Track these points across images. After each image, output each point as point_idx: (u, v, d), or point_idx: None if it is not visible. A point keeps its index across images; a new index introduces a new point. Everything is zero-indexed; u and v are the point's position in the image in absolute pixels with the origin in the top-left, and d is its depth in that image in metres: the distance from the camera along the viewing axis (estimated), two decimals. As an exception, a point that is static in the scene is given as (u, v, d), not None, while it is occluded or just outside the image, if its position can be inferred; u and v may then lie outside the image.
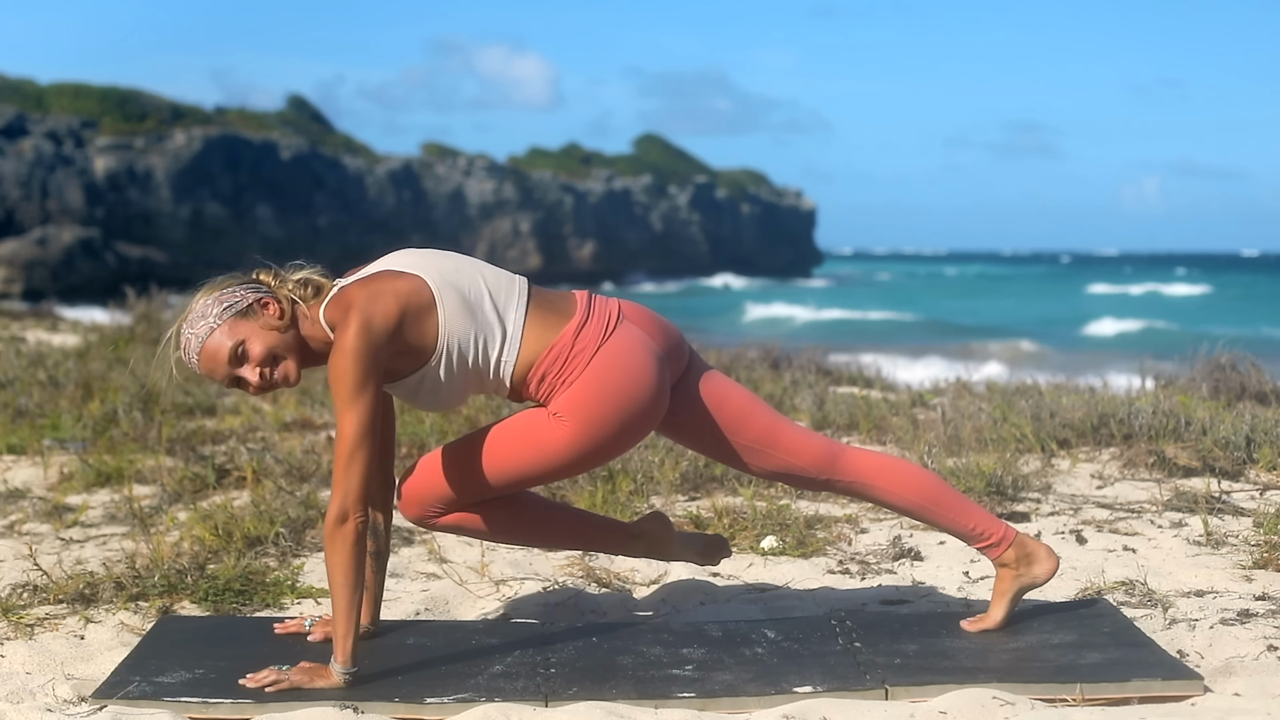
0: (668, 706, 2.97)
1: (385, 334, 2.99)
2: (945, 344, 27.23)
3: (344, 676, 3.02)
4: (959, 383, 7.67)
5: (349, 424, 2.95)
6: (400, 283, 3.07)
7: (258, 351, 3.04)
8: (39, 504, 5.05)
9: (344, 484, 2.96)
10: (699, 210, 76.74)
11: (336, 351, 2.97)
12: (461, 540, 4.49)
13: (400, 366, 3.08)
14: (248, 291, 3.08)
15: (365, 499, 2.98)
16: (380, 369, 3.00)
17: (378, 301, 3.00)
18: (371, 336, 2.97)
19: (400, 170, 63.73)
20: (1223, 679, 3.07)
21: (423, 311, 3.05)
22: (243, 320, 3.04)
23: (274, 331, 3.04)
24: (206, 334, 3.03)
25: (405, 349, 3.05)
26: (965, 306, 48.53)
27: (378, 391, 2.99)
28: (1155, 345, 25.97)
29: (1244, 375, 6.69)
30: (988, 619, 3.35)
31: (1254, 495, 4.77)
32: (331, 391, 3.00)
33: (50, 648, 3.46)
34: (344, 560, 2.97)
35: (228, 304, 3.05)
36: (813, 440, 3.32)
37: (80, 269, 48.67)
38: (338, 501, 2.96)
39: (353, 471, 2.96)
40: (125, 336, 10.35)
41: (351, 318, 2.98)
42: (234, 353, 3.03)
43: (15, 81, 56.45)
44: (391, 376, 3.10)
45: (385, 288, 3.05)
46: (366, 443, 2.96)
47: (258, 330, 3.04)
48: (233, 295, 3.06)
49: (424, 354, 3.07)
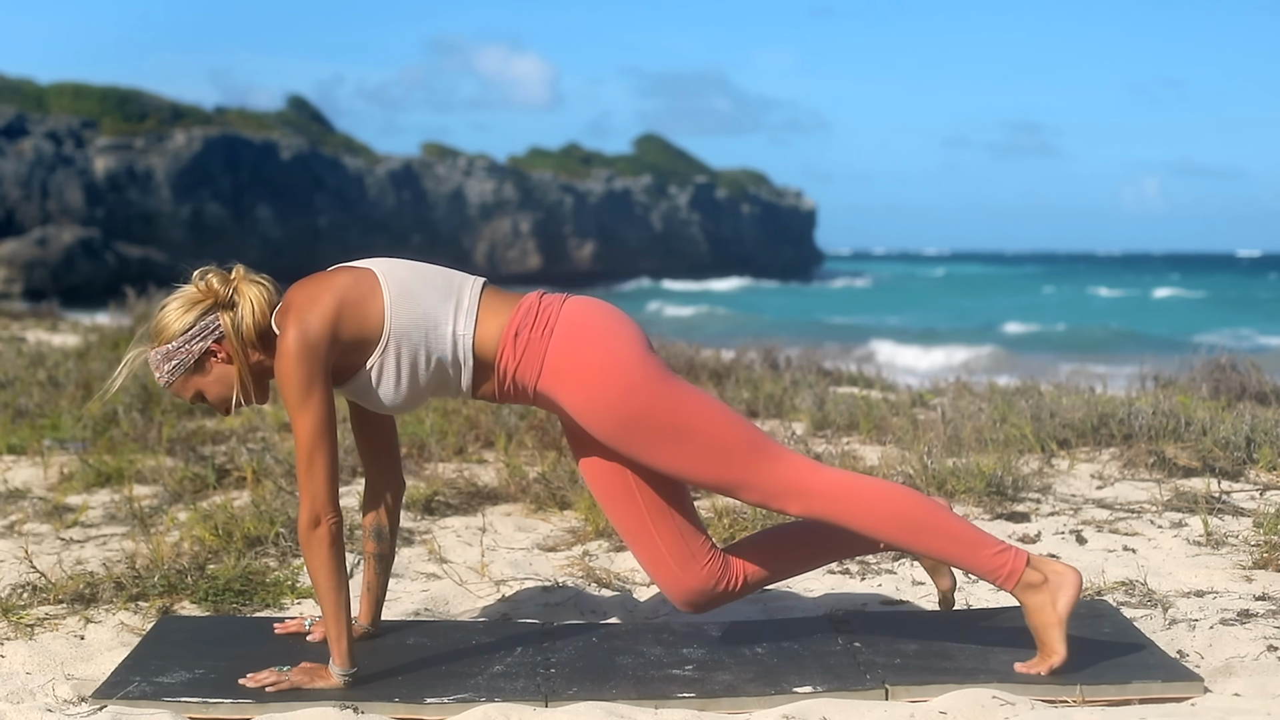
0: (668, 706, 2.97)
1: (324, 332, 2.97)
2: (804, 342, 27.19)
3: (343, 678, 3.02)
4: (959, 383, 7.67)
5: (303, 427, 2.95)
6: (339, 277, 3.06)
7: (213, 398, 3.13)
8: (39, 504, 5.05)
9: (309, 488, 2.96)
10: (699, 210, 76.74)
11: (278, 357, 2.98)
12: (461, 540, 4.49)
13: (350, 362, 3.04)
14: (195, 342, 3.07)
15: (334, 500, 2.98)
16: (325, 369, 2.97)
17: (314, 301, 3.00)
18: (309, 338, 2.96)
19: (400, 170, 63.73)
20: (1223, 679, 3.07)
21: (363, 299, 3.02)
22: (194, 375, 3.10)
23: (226, 375, 3.09)
24: (165, 385, 3.13)
25: (351, 343, 3.01)
26: (885, 307, 48.59)
27: (326, 392, 2.98)
28: (1036, 346, 26.18)
29: (1244, 375, 6.69)
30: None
31: (1254, 495, 4.77)
32: (281, 397, 3.00)
33: (50, 648, 3.46)
34: (324, 563, 2.97)
35: (176, 362, 3.08)
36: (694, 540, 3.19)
37: (80, 269, 48.67)
38: (306, 506, 2.96)
39: (315, 474, 2.96)
40: (125, 336, 10.35)
41: (290, 322, 2.98)
42: (194, 399, 3.14)
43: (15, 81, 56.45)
44: (344, 375, 3.06)
45: (323, 285, 3.04)
46: (323, 443, 2.95)
47: (210, 381, 3.10)
48: (181, 351, 3.07)
49: (370, 344, 3.02)
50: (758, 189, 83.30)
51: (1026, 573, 3.01)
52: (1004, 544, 3.04)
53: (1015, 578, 3.01)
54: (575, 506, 4.79)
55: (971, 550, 3.02)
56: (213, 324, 3.08)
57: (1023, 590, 3.01)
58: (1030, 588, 3.01)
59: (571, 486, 4.90)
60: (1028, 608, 3.03)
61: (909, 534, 3.03)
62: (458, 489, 4.98)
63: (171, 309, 3.10)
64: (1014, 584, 3.01)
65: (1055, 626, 3.01)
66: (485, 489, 5.02)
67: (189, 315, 3.08)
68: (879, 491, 3.05)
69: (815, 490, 3.02)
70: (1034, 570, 3.02)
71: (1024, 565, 3.01)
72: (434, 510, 4.85)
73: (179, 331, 3.08)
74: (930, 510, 3.04)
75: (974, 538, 3.03)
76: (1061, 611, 3.00)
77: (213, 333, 3.08)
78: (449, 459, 5.65)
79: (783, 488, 3.02)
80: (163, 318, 3.10)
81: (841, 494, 3.02)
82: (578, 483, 4.91)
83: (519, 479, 5.04)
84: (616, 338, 3.04)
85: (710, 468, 3.02)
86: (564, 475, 4.98)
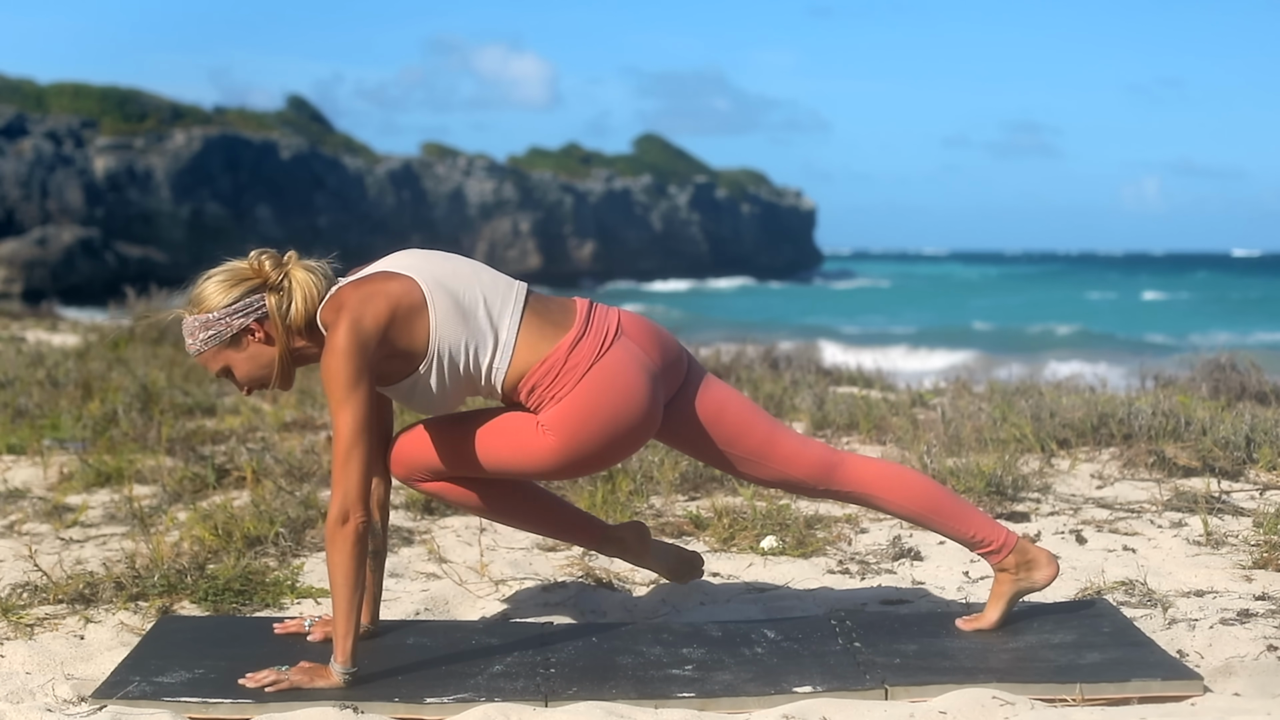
0: (668, 706, 2.97)
1: (375, 334, 3.00)
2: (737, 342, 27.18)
3: (344, 676, 3.02)
4: (959, 382, 7.67)
5: (344, 423, 2.97)
6: (392, 284, 3.07)
7: (241, 375, 3.15)
8: (39, 504, 5.05)
9: (343, 483, 2.97)
10: (699, 210, 76.77)
11: (328, 352, 2.99)
12: (461, 540, 4.49)
13: (392, 370, 3.09)
14: (236, 317, 3.09)
15: (366, 498, 2.99)
16: (371, 368, 3.00)
17: (369, 303, 3.02)
18: (361, 336, 2.98)
19: (400, 170, 63.76)
20: (1223, 679, 3.07)
21: (413, 313, 3.05)
22: (227, 349, 3.11)
23: (260, 355, 3.11)
24: (195, 353, 3.14)
25: (395, 352, 3.06)
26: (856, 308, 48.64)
27: (370, 390, 3.00)
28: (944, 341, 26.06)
29: (1244, 375, 6.69)
30: (983, 619, 3.36)
31: (1254, 495, 4.77)
32: (325, 391, 3.02)
33: (50, 648, 3.46)
34: (345, 560, 2.97)
35: (213, 332, 3.10)
36: (810, 450, 3.32)
37: (80, 269, 48.69)
38: (338, 501, 2.97)
39: (350, 470, 2.97)
40: (125, 336, 10.35)
41: (342, 318, 3.00)
42: (220, 372, 3.17)
43: (15, 81, 56.46)
44: (385, 380, 3.11)
45: (377, 289, 3.06)
46: (362, 441, 2.97)
47: (242, 358, 3.12)
48: (221, 323, 3.09)
49: (415, 358, 3.08)
50: (757, 189, 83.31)
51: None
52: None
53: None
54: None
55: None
56: (257, 303, 3.10)
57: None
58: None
59: (571, 486, 4.90)
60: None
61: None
62: (458, 489, 4.97)
63: (216, 280, 3.11)
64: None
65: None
66: (485, 489, 5.02)
67: (235, 290, 3.10)
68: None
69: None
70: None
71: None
72: (434, 510, 4.85)
73: (222, 304, 3.09)
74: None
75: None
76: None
77: (255, 311, 3.09)
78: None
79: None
80: (206, 287, 3.11)
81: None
82: (577, 482, 4.91)
83: (519, 479, 5.03)
84: (616, 426, 3.13)
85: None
86: (564, 475, 4.97)
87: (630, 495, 4.81)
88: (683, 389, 3.29)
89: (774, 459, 3.29)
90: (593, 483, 4.89)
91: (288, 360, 3.13)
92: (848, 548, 4.34)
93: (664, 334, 3.29)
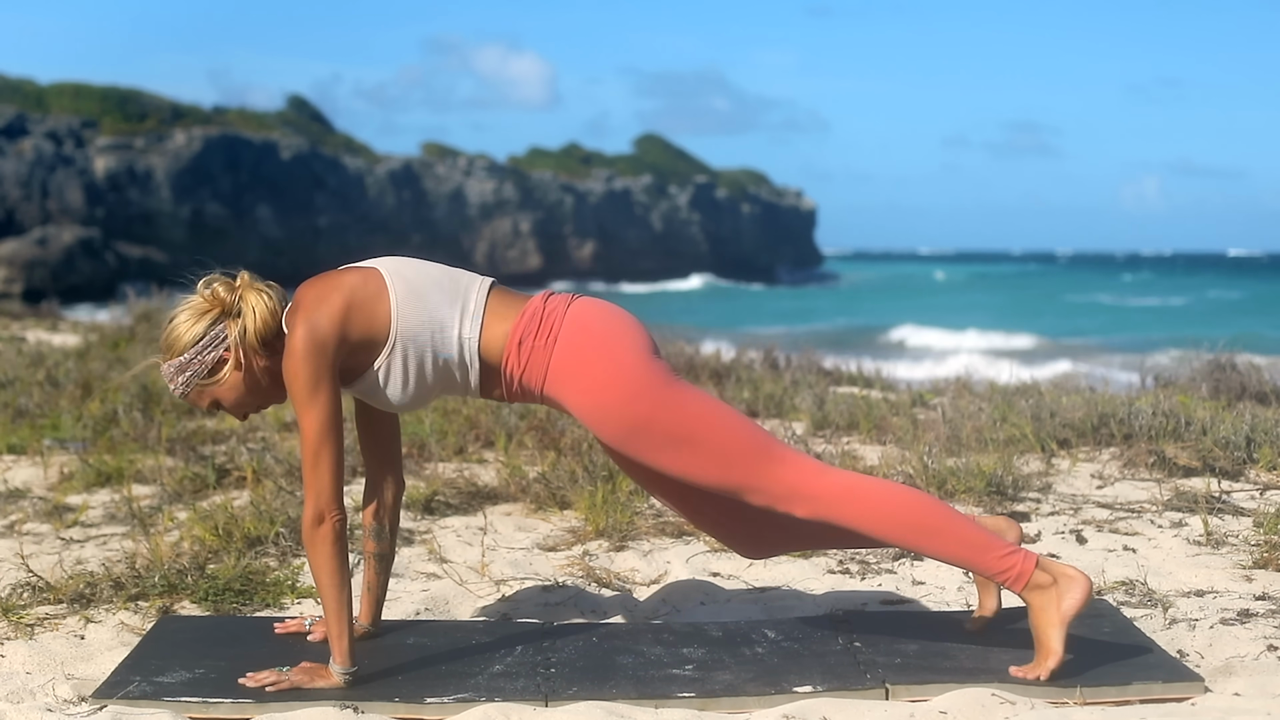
0: (668, 706, 2.97)
1: (332, 330, 2.98)
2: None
3: (344, 676, 3.02)
4: (959, 382, 7.67)
5: (309, 424, 2.96)
6: (347, 276, 3.07)
7: (230, 405, 3.15)
8: (39, 504, 5.05)
9: (315, 485, 2.97)
10: (699, 210, 76.79)
11: (287, 355, 2.99)
12: (461, 540, 4.49)
13: (358, 362, 3.05)
14: (207, 351, 3.09)
15: (339, 498, 2.98)
16: (333, 367, 2.99)
17: (323, 300, 3.01)
18: (318, 336, 2.97)
19: (400, 170, 63.77)
20: (1223, 679, 3.07)
21: (370, 299, 3.03)
22: (208, 385, 3.11)
23: (239, 381, 3.11)
24: (180, 395, 3.15)
25: (359, 343, 3.02)
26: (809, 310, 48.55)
27: (333, 390, 2.99)
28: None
29: (1244, 375, 6.69)
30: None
31: (1254, 495, 4.77)
32: (289, 394, 3.02)
33: (50, 648, 3.46)
34: (327, 561, 2.97)
35: (190, 373, 3.10)
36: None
37: (80, 269, 48.69)
38: (311, 503, 2.97)
39: (321, 471, 2.97)
40: (125, 336, 10.35)
41: (299, 320, 3.00)
42: (211, 407, 3.17)
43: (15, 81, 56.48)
44: (351, 375, 3.07)
45: (331, 284, 3.05)
46: (329, 441, 2.96)
47: (225, 389, 3.12)
48: (195, 362, 3.09)
49: (378, 345, 3.03)
50: (758, 189, 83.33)
51: (1035, 574, 2.99)
52: (1013, 547, 3.03)
53: (1024, 579, 2.99)
54: (575, 506, 4.79)
55: (980, 553, 3.00)
56: (222, 333, 3.09)
57: (1030, 591, 3.00)
58: (1038, 589, 2.99)
59: (571, 486, 4.90)
60: (1032, 608, 3.02)
61: (917, 537, 3.00)
62: (458, 489, 4.98)
63: (180, 320, 3.11)
64: (1022, 585, 3.00)
65: (1056, 626, 2.99)
66: (485, 489, 5.02)
67: (198, 325, 3.09)
68: (886, 495, 3.02)
69: (821, 494, 3.00)
70: (1043, 572, 3.00)
71: (1033, 567, 3.00)
72: (434, 510, 4.85)
73: (190, 343, 3.09)
74: (938, 513, 3.02)
75: (983, 541, 3.01)
76: (1066, 613, 2.98)
77: (223, 341, 3.09)
78: (449, 459, 5.65)
79: (788, 491, 3.01)
80: (173, 330, 3.11)
81: (848, 497, 3.00)
82: (577, 482, 4.91)
83: (519, 479, 5.04)
84: (621, 344, 3.03)
85: (716, 472, 3.01)
86: (564, 475, 4.97)
87: (630, 495, 4.80)
88: None
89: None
90: (593, 483, 4.88)
91: (256, 381, 3.11)
92: (848, 548, 4.34)
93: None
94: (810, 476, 3.01)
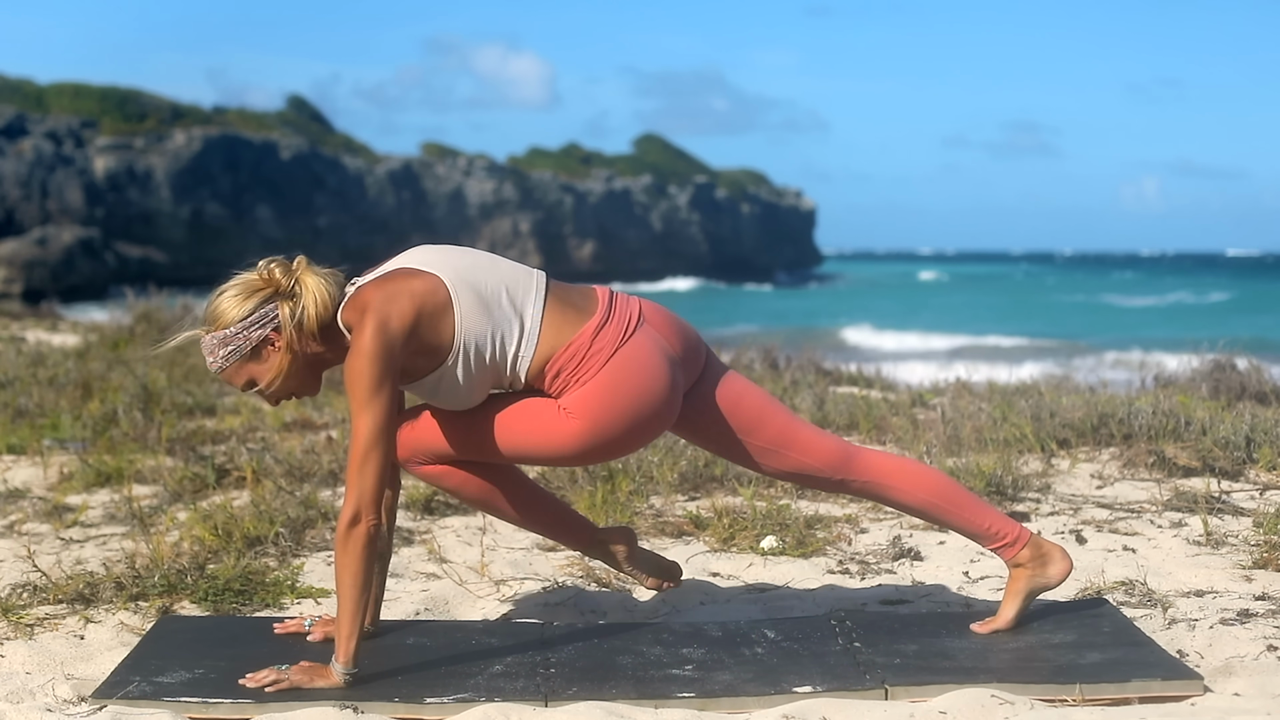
0: (668, 706, 2.97)
1: (401, 334, 2.98)
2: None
3: (344, 677, 3.02)
4: (959, 382, 7.67)
5: (364, 425, 2.95)
6: (416, 282, 3.06)
7: (266, 387, 3.12)
8: (39, 504, 5.05)
9: (358, 485, 2.96)
10: (699, 210, 76.77)
11: (353, 354, 2.97)
12: (461, 540, 4.49)
13: (417, 366, 3.07)
14: (254, 329, 3.07)
15: (379, 501, 2.98)
16: (397, 370, 2.99)
17: (394, 302, 3.00)
18: (388, 337, 2.96)
19: (400, 170, 63.77)
20: (1223, 679, 3.07)
21: (439, 311, 3.04)
22: (249, 363, 3.10)
23: (281, 363, 3.09)
24: (217, 370, 3.13)
25: (422, 349, 3.04)
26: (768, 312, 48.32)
27: (394, 392, 2.99)
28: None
29: (1244, 375, 6.69)
30: (998, 619, 3.34)
31: (1254, 495, 4.78)
32: (348, 392, 3.00)
33: (50, 648, 3.46)
34: (355, 562, 2.97)
35: (233, 348, 3.08)
36: (826, 441, 3.33)
37: (80, 269, 48.69)
38: (352, 502, 2.96)
39: (367, 473, 2.96)
40: (125, 336, 10.35)
41: (367, 319, 2.98)
42: (245, 386, 3.14)
43: (15, 81, 56.48)
44: (409, 377, 3.09)
45: (401, 287, 3.04)
46: (381, 444, 2.96)
47: (264, 370, 3.10)
48: (239, 337, 3.07)
49: (441, 353, 3.06)
50: (758, 189, 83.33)
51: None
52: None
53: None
54: (575, 506, 4.78)
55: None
56: (272, 312, 3.08)
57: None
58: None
59: (571, 486, 4.90)
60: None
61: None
62: (458, 489, 4.97)
63: (230, 295, 3.09)
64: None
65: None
66: (485, 489, 5.01)
67: (248, 302, 3.08)
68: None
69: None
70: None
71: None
72: (434, 510, 4.85)
73: (237, 318, 3.07)
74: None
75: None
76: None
77: (271, 321, 3.07)
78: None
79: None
80: (220, 303, 3.09)
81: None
82: (577, 482, 4.91)
83: (519, 479, 5.03)
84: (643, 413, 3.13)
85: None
86: (564, 475, 4.98)
87: (630, 495, 4.81)
88: (701, 379, 3.29)
89: (792, 448, 3.29)
90: (593, 482, 4.89)
91: (302, 367, 3.11)
92: (848, 548, 4.35)
93: (683, 323, 3.29)
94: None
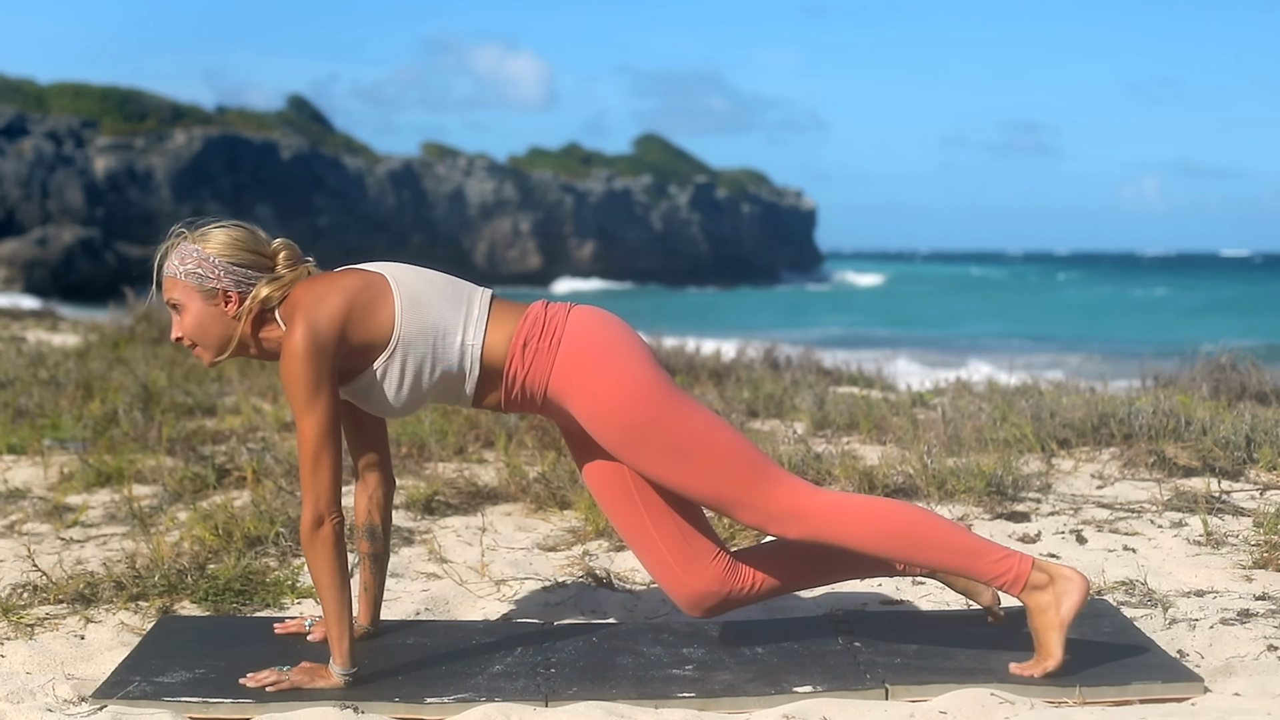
0: (668, 706, 2.97)
1: (332, 332, 2.96)
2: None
3: (344, 677, 3.02)
4: (959, 382, 7.67)
5: (309, 427, 2.93)
6: (349, 278, 3.04)
7: (188, 327, 3.08)
8: (39, 504, 5.05)
9: (314, 488, 2.95)
10: (699, 210, 76.72)
11: (285, 356, 2.95)
12: (461, 540, 4.49)
13: (354, 364, 3.03)
14: (228, 276, 3.05)
15: (338, 500, 2.97)
16: (333, 369, 2.96)
17: (323, 302, 2.98)
18: (318, 338, 2.94)
19: (400, 170, 63.76)
20: (1223, 679, 3.07)
21: (373, 303, 3.00)
22: (196, 294, 3.06)
23: (216, 321, 3.05)
24: (169, 273, 3.09)
25: (355, 347, 3.00)
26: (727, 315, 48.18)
27: (334, 391, 2.96)
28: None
29: (1244, 375, 6.69)
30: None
31: (1254, 495, 4.77)
32: (287, 397, 2.98)
33: (50, 648, 3.46)
34: (327, 564, 2.96)
35: (200, 272, 3.05)
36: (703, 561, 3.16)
37: (80, 269, 48.69)
38: (310, 506, 2.95)
39: (320, 474, 2.94)
40: (125, 336, 10.35)
41: (297, 320, 2.96)
42: (170, 305, 3.11)
43: (15, 81, 56.47)
44: (347, 376, 3.05)
45: (331, 285, 3.02)
46: (329, 444, 2.94)
47: (202, 312, 3.06)
48: (213, 269, 3.05)
49: (378, 347, 3.01)
50: (758, 189, 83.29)
51: (1032, 575, 3.00)
52: (1007, 550, 3.03)
53: (1021, 582, 3.00)
54: (575, 506, 4.79)
55: (974, 559, 3.02)
56: (254, 278, 3.06)
57: (1028, 593, 3.01)
58: (1035, 590, 3.00)
59: (571, 486, 4.90)
60: (1031, 610, 3.02)
61: (910, 549, 3.02)
62: (458, 489, 4.98)
63: (239, 235, 3.08)
64: (1020, 589, 3.01)
65: (1056, 630, 2.99)
66: (485, 489, 5.02)
67: (244, 255, 3.06)
68: (874, 510, 3.04)
69: (811, 513, 3.01)
70: (1039, 573, 3.01)
71: (1029, 569, 3.00)
72: (434, 510, 4.85)
73: (226, 255, 3.05)
74: (929, 524, 3.03)
75: (976, 547, 3.03)
76: (1065, 615, 2.99)
77: (244, 284, 3.06)
78: (449, 459, 5.65)
79: (780, 510, 3.01)
80: (227, 232, 3.08)
81: (836, 515, 3.01)
82: (577, 482, 4.91)
83: (519, 479, 5.04)
84: (624, 351, 3.04)
85: (710, 485, 3.02)
86: (564, 475, 4.97)
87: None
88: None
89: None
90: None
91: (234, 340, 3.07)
92: (848, 548, 4.34)
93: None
94: (802, 496, 3.03)
